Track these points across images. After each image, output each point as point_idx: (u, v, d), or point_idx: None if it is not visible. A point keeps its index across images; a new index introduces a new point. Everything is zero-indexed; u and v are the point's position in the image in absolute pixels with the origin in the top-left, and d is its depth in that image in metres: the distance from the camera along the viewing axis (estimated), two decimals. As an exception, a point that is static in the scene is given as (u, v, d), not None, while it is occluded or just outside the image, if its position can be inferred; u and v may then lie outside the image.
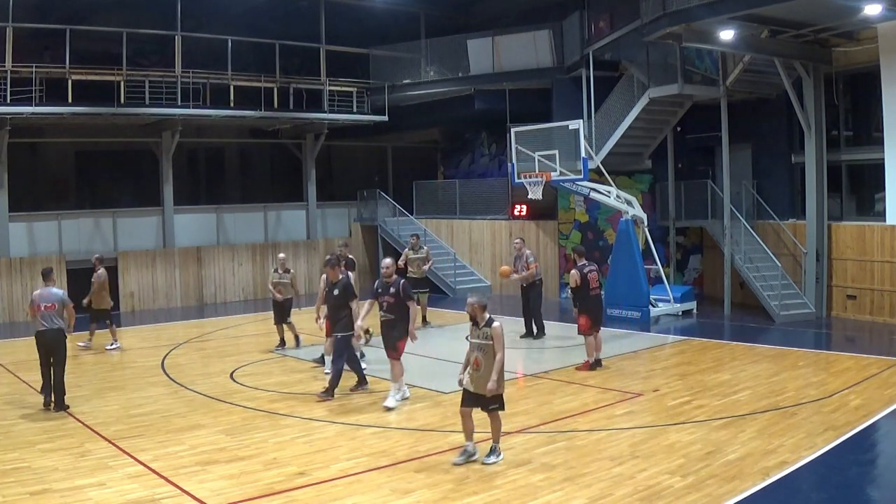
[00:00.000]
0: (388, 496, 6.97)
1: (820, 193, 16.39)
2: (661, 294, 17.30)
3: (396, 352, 9.99)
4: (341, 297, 10.50)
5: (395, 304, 9.92)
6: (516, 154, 17.63)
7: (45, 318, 10.02)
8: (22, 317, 18.40)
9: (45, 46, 19.34)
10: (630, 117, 18.27)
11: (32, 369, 12.59)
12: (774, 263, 16.78)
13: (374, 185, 25.27)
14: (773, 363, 12.11)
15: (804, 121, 16.25)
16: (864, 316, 16.05)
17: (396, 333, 9.98)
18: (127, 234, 20.76)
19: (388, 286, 10.01)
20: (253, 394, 10.72)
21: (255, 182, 25.96)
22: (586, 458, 7.88)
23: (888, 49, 15.29)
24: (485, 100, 22.17)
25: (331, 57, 22.47)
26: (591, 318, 11.96)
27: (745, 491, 6.86)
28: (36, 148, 21.28)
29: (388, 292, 9.97)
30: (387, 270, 10.14)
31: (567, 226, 20.41)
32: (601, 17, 19.56)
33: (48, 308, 10.07)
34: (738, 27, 14.55)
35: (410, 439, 8.61)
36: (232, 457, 8.06)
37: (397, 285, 9.95)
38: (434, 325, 16.37)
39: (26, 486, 7.19)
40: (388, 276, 10.05)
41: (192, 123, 21.06)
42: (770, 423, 8.85)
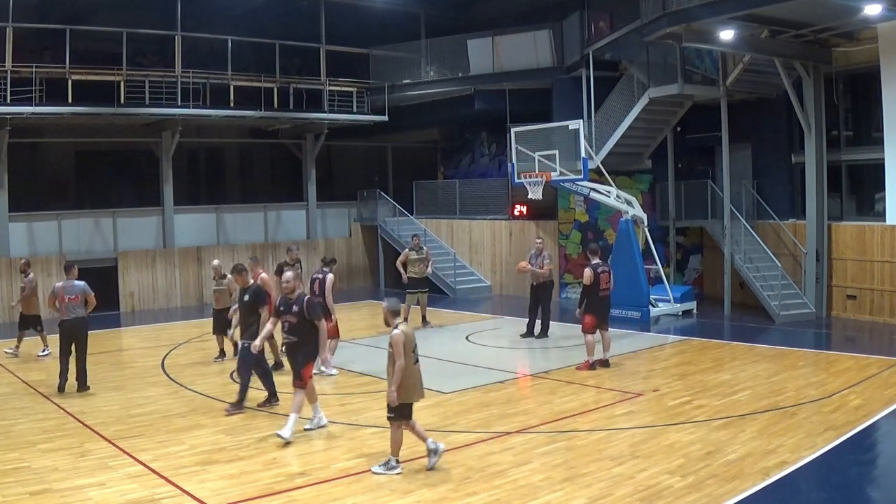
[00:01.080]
0: (388, 496, 6.97)
1: (820, 193, 16.39)
2: (661, 294, 17.30)
3: (301, 380, 8.69)
4: (251, 303, 9.74)
5: (299, 325, 8.66)
6: (516, 154, 17.63)
7: (69, 308, 10.88)
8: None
9: (45, 46, 19.35)
10: (630, 117, 18.27)
11: (33, 369, 12.65)
12: (774, 263, 16.78)
13: (374, 185, 25.27)
14: (773, 363, 12.11)
15: (804, 121, 16.25)
16: (864, 316, 16.04)
17: (301, 358, 8.73)
18: (127, 234, 20.75)
19: (290, 304, 8.74)
20: (253, 394, 10.71)
21: (255, 182, 25.96)
22: (586, 458, 7.88)
23: (888, 49, 15.29)
24: (485, 100, 22.17)
25: (331, 57, 22.47)
26: (598, 318, 11.98)
27: (745, 491, 6.86)
28: (36, 148, 21.27)
29: (291, 311, 8.71)
30: (288, 286, 8.81)
31: (567, 226, 20.41)
32: (601, 17, 19.57)
33: (72, 300, 10.93)
34: (738, 27, 14.55)
35: (410, 439, 8.58)
36: (232, 457, 8.06)
37: (301, 302, 8.68)
38: (433, 326, 16.36)
39: (26, 486, 7.19)
40: (289, 293, 8.76)
41: (192, 123, 21.05)
42: (770, 423, 8.84)
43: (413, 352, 7.50)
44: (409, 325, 7.75)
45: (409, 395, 7.53)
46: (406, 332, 7.47)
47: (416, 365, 7.54)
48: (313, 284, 12.04)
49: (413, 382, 7.51)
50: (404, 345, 7.38)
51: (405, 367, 7.38)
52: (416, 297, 16.07)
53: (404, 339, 7.39)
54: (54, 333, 11.56)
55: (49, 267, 19.01)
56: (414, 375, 7.52)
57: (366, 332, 15.84)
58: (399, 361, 7.36)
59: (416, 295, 16.07)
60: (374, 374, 11.80)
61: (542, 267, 14.58)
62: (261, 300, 9.73)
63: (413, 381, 7.51)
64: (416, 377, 7.55)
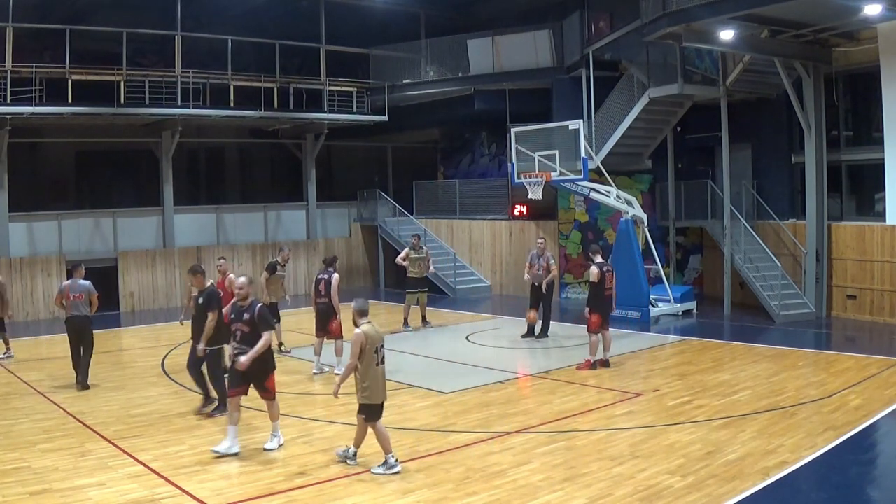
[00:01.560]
0: (388, 496, 6.97)
1: (820, 193, 16.39)
2: (661, 294, 17.30)
3: (269, 392, 8.31)
4: (203, 306, 9.49)
5: (251, 335, 8.09)
6: (516, 154, 17.63)
7: (74, 306, 11.30)
8: (22, 317, 18.42)
9: (45, 46, 19.34)
10: (630, 117, 18.27)
11: (33, 369, 12.65)
12: (774, 263, 16.78)
13: (374, 185, 25.28)
14: (773, 363, 12.11)
15: (804, 121, 16.24)
16: (864, 316, 16.04)
17: (261, 374, 8.22)
18: (127, 234, 20.75)
19: (241, 311, 8.18)
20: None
21: (255, 182, 25.96)
22: (586, 458, 7.88)
23: (888, 49, 15.29)
24: (485, 100, 22.17)
25: (331, 57, 22.47)
26: (603, 317, 12.00)
27: (745, 491, 6.86)
28: (36, 148, 21.27)
29: (242, 319, 8.15)
30: (241, 291, 8.27)
31: (567, 226, 20.41)
32: (601, 17, 19.57)
33: (76, 297, 11.32)
34: (738, 27, 14.54)
35: (410, 439, 8.61)
36: (232, 457, 8.06)
37: (252, 310, 8.12)
38: (434, 326, 16.36)
39: (26, 486, 7.19)
40: (242, 299, 8.22)
41: (192, 123, 21.05)
42: (770, 423, 8.85)
43: (376, 352, 7.50)
44: (374, 325, 7.68)
45: (372, 396, 7.50)
46: (367, 333, 7.47)
47: (378, 366, 7.53)
48: (318, 285, 12.04)
49: (377, 383, 7.52)
50: (363, 345, 7.40)
51: (367, 368, 7.43)
52: (415, 297, 16.07)
53: (363, 339, 7.42)
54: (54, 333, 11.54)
55: (49, 267, 19.04)
56: (377, 376, 7.51)
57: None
58: (350, 360, 7.48)
59: (416, 295, 16.06)
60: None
61: (551, 270, 14.58)
62: (212, 304, 9.43)
63: (375, 381, 7.50)
64: (378, 378, 7.53)
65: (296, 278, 23.00)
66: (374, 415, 7.55)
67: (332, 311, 11.81)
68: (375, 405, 7.55)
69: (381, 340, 7.60)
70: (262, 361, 8.17)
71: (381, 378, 7.58)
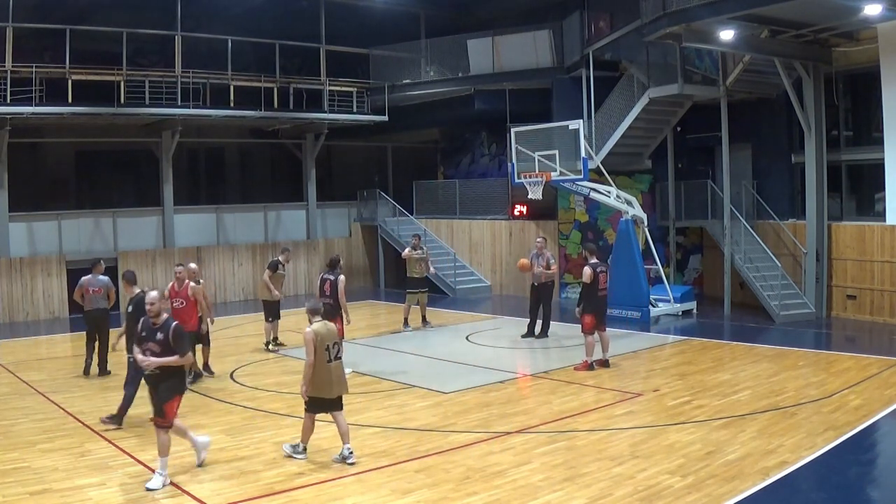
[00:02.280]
0: (388, 496, 6.97)
1: (820, 193, 16.39)
2: (661, 294, 17.30)
3: (164, 418, 7.36)
4: (133, 314, 9.27)
5: (163, 355, 7.35)
6: (516, 154, 17.63)
7: (93, 300, 12.08)
8: (21, 316, 18.46)
9: (45, 46, 19.32)
10: (630, 117, 18.27)
11: (33, 369, 12.66)
12: (774, 263, 16.77)
13: (374, 185, 25.28)
14: (773, 363, 12.11)
15: (804, 121, 16.24)
16: (864, 316, 16.04)
17: (164, 392, 7.39)
18: (127, 234, 20.75)
19: (153, 330, 7.42)
20: (253, 394, 10.72)
21: (255, 182, 25.95)
22: (586, 458, 7.88)
23: (888, 49, 15.28)
24: (485, 100, 22.17)
25: (331, 57, 22.47)
26: (597, 318, 11.98)
27: (745, 491, 6.86)
28: (36, 148, 21.26)
29: (154, 338, 7.39)
30: (152, 308, 7.48)
31: (567, 226, 20.41)
32: (601, 17, 19.57)
33: (95, 292, 12.12)
34: (738, 27, 14.54)
35: (410, 439, 8.61)
36: (232, 457, 8.07)
37: (167, 329, 7.37)
38: (433, 326, 16.36)
39: (26, 486, 7.19)
40: (154, 316, 7.45)
41: (192, 123, 21.05)
42: (770, 423, 8.85)
43: (327, 350, 7.77)
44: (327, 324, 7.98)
45: (320, 391, 7.80)
46: (317, 331, 7.76)
47: (329, 363, 7.79)
48: (323, 285, 12.05)
49: (325, 379, 7.78)
50: (315, 343, 7.69)
51: (317, 364, 7.70)
52: (416, 298, 16.08)
53: (314, 338, 7.70)
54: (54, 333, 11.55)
55: (49, 267, 19.04)
56: (327, 372, 7.78)
57: (366, 333, 15.84)
58: (308, 358, 7.73)
59: (417, 295, 16.07)
60: (374, 375, 11.83)
61: (551, 268, 14.59)
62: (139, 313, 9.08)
63: (325, 377, 7.77)
64: (328, 374, 7.79)
65: (296, 278, 23.00)
66: (316, 407, 7.87)
67: (337, 311, 11.83)
68: (325, 399, 7.84)
69: (332, 338, 7.89)
70: (170, 379, 7.40)
71: (335, 373, 7.86)
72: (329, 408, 7.90)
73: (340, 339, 11.91)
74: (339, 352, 7.93)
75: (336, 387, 7.91)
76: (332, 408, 7.91)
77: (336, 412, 7.92)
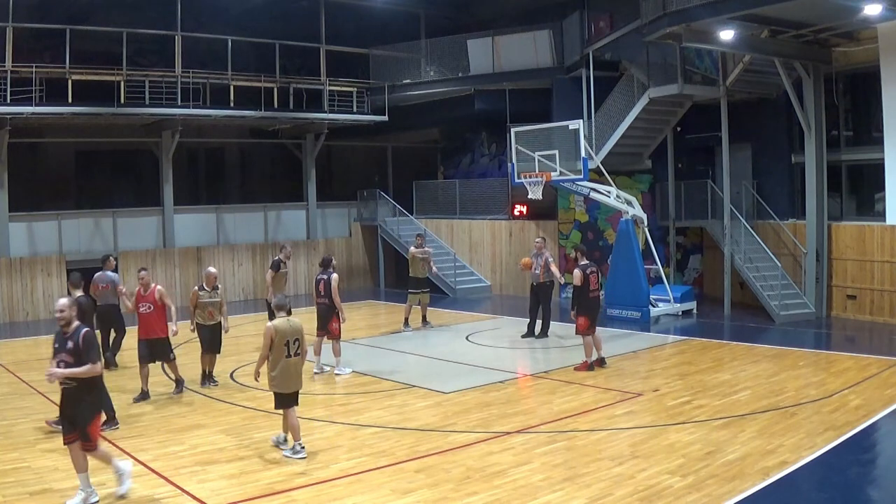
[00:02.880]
0: (388, 496, 6.97)
1: (820, 193, 16.39)
2: (661, 294, 17.30)
3: (90, 442, 6.77)
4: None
5: (77, 366, 6.68)
6: (516, 154, 17.63)
7: (102, 296, 12.41)
8: (22, 316, 18.49)
9: (45, 46, 19.33)
10: (630, 117, 18.26)
11: (33, 369, 12.64)
12: (774, 263, 16.77)
13: (374, 185, 25.28)
14: (773, 363, 12.11)
15: (804, 121, 16.24)
16: (864, 316, 16.04)
17: (86, 412, 6.77)
18: (127, 234, 20.74)
19: (64, 339, 6.75)
20: (253, 394, 10.71)
21: (255, 182, 25.96)
22: (586, 458, 7.88)
23: (888, 49, 15.28)
24: (485, 100, 22.17)
25: (331, 57, 22.47)
26: (590, 319, 11.98)
27: (745, 491, 6.86)
28: (36, 148, 21.27)
29: (66, 348, 6.71)
30: (62, 315, 6.78)
31: (567, 226, 20.41)
32: (601, 17, 19.57)
33: (104, 288, 12.46)
34: (738, 27, 14.54)
35: (410, 439, 8.61)
36: (232, 457, 8.07)
37: (77, 337, 6.70)
38: (434, 326, 16.36)
39: (26, 486, 7.19)
40: (65, 325, 6.76)
41: (192, 123, 21.04)
42: (770, 423, 8.85)
43: (286, 345, 7.96)
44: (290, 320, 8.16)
45: (283, 386, 8.05)
46: (277, 326, 7.98)
47: (289, 358, 7.99)
48: (318, 285, 12.06)
49: (286, 374, 8.02)
50: (273, 337, 7.94)
51: (277, 359, 7.96)
52: (417, 298, 16.07)
53: (273, 332, 7.95)
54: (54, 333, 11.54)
55: (49, 267, 19.03)
56: (288, 367, 8.01)
57: (366, 332, 15.84)
58: (262, 350, 8.06)
59: (418, 295, 16.06)
60: (374, 375, 11.83)
61: (552, 268, 14.58)
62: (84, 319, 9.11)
63: (287, 372, 8.02)
64: (289, 369, 8.02)
65: (296, 278, 23.00)
66: (282, 402, 8.11)
67: (333, 311, 11.85)
68: (285, 394, 8.08)
69: (294, 334, 8.05)
70: (89, 395, 6.81)
71: (293, 369, 8.06)
72: (291, 402, 8.15)
73: (338, 339, 12.06)
74: (298, 348, 8.07)
75: (293, 382, 8.12)
76: (293, 402, 8.17)
77: (294, 406, 8.17)
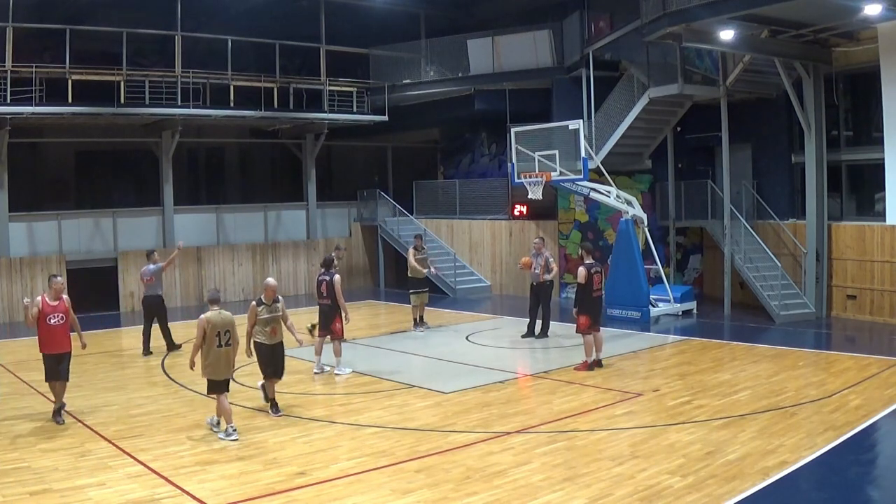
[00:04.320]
0: (388, 496, 6.97)
1: (820, 193, 16.39)
2: (661, 294, 17.29)
3: None
4: None
5: None
6: (516, 154, 17.62)
7: (148, 287, 13.75)
8: (21, 316, 18.41)
9: (45, 46, 19.33)
10: (630, 117, 18.26)
11: (33, 369, 12.62)
12: (774, 263, 16.77)
13: (374, 185, 25.28)
14: (773, 363, 12.11)
15: (804, 121, 16.24)
16: (864, 316, 16.04)
17: None
18: (127, 234, 20.73)
19: None
20: (253, 394, 10.71)
21: (255, 182, 25.96)
22: (586, 458, 7.88)
23: (888, 49, 15.28)
24: (485, 100, 22.17)
25: (331, 57, 22.46)
26: (591, 318, 11.98)
27: (745, 491, 6.86)
28: (36, 148, 21.26)
29: None
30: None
31: (567, 226, 20.41)
32: (601, 17, 19.58)
33: (148, 281, 13.73)
34: (738, 27, 14.54)
35: (410, 439, 8.61)
36: (232, 457, 8.07)
37: None
38: (430, 326, 16.33)
39: (26, 486, 7.19)
40: None
41: (192, 123, 21.04)
42: (770, 423, 8.85)
43: (218, 336, 8.64)
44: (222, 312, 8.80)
45: (214, 373, 8.72)
46: (210, 319, 8.66)
47: (219, 348, 8.68)
48: (320, 286, 12.04)
49: (217, 362, 8.70)
50: (206, 329, 8.63)
51: (209, 349, 8.65)
52: (419, 297, 16.04)
53: (205, 324, 8.64)
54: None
55: (49, 267, 19.00)
56: (219, 357, 8.71)
57: (366, 332, 15.84)
58: (196, 341, 8.77)
59: (420, 295, 16.04)
60: (374, 375, 11.82)
61: (552, 268, 14.58)
62: None
63: (217, 361, 8.70)
64: (220, 358, 8.72)
65: (295, 278, 23.03)
66: (214, 388, 8.75)
67: (335, 311, 11.84)
68: (216, 380, 8.74)
69: (225, 326, 8.71)
70: None
71: (224, 358, 8.74)
72: (222, 388, 8.75)
73: (340, 339, 12.04)
74: (229, 339, 8.72)
75: (224, 370, 8.77)
76: (224, 388, 8.77)
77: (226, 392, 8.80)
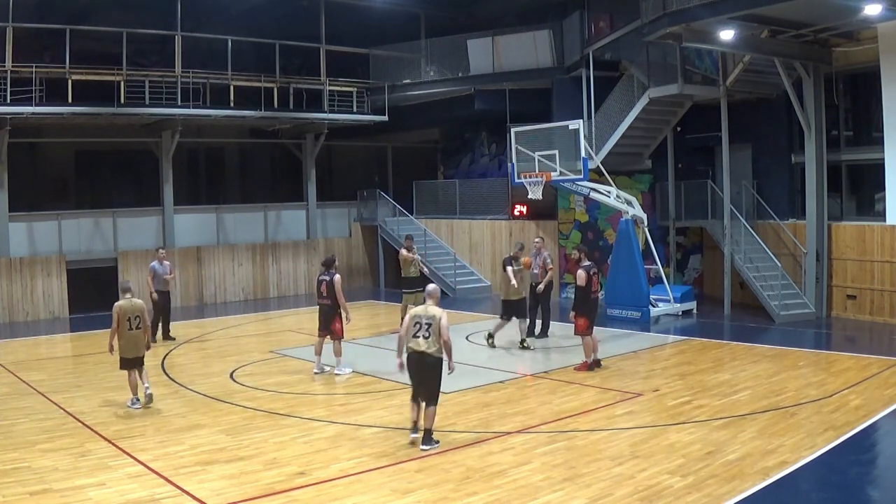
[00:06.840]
0: (388, 496, 6.97)
1: (820, 193, 16.39)
2: (661, 294, 17.29)
3: None
4: None
5: None
6: (516, 154, 17.63)
7: (158, 283, 14.86)
8: (22, 317, 18.47)
9: (45, 46, 19.34)
10: (630, 117, 18.26)
11: (33, 369, 12.66)
12: (774, 263, 16.77)
13: (374, 185, 25.28)
14: (773, 363, 12.11)
15: (804, 121, 16.24)
16: (864, 316, 16.04)
17: None
18: (127, 234, 20.74)
19: None
20: (253, 394, 10.72)
21: (255, 182, 25.95)
22: (586, 458, 7.88)
23: (888, 49, 15.28)
24: (485, 100, 22.17)
25: (331, 57, 22.46)
26: (590, 320, 11.98)
27: (745, 491, 6.86)
28: (36, 148, 21.27)
29: None
30: None
31: (567, 226, 20.41)
32: (601, 17, 19.57)
33: (170, 277, 15.09)
34: (738, 27, 14.54)
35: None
36: (232, 457, 8.07)
37: None
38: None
39: (26, 486, 7.19)
40: None
41: (192, 123, 21.05)
42: (770, 423, 8.85)
43: (129, 321, 9.98)
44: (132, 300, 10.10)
45: (126, 352, 10.00)
46: (122, 306, 10.02)
47: (130, 331, 10.00)
48: (320, 286, 12.03)
49: (129, 343, 10.02)
50: (119, 315, 9.97)
51: (120, 331, 9.98)
52: (412, 297, 16.01)
53: (119, 311, 10.01)
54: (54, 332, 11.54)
55: (49, 267, 19.03)
56: (130, 338, 10.02)
57: (366, 332, 15.84)
58: (112, 326, 10.02)
59: (413, 295, 16.00)
60: (374, 375, 11.82)
61: (549, 269, 14.58)
62: None
63: (129, 342, 10.03)
64: (130, 339, 10.03)
65: (295, 278, 23.03)
66: (125, 365, 10.05)
67: (335, 311, 11.84)
68: (127, 358, 10.02)
69: (135, 312, 10.09)
70: None
71: (134, 339, 10.05)
72: (131, 365, 10.06)
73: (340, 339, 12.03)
74: (139, 323, 10.05)
75: (133, 350, 10.03)
76: (133, 365, 10.06)
77: (135, 369, 10.09)
